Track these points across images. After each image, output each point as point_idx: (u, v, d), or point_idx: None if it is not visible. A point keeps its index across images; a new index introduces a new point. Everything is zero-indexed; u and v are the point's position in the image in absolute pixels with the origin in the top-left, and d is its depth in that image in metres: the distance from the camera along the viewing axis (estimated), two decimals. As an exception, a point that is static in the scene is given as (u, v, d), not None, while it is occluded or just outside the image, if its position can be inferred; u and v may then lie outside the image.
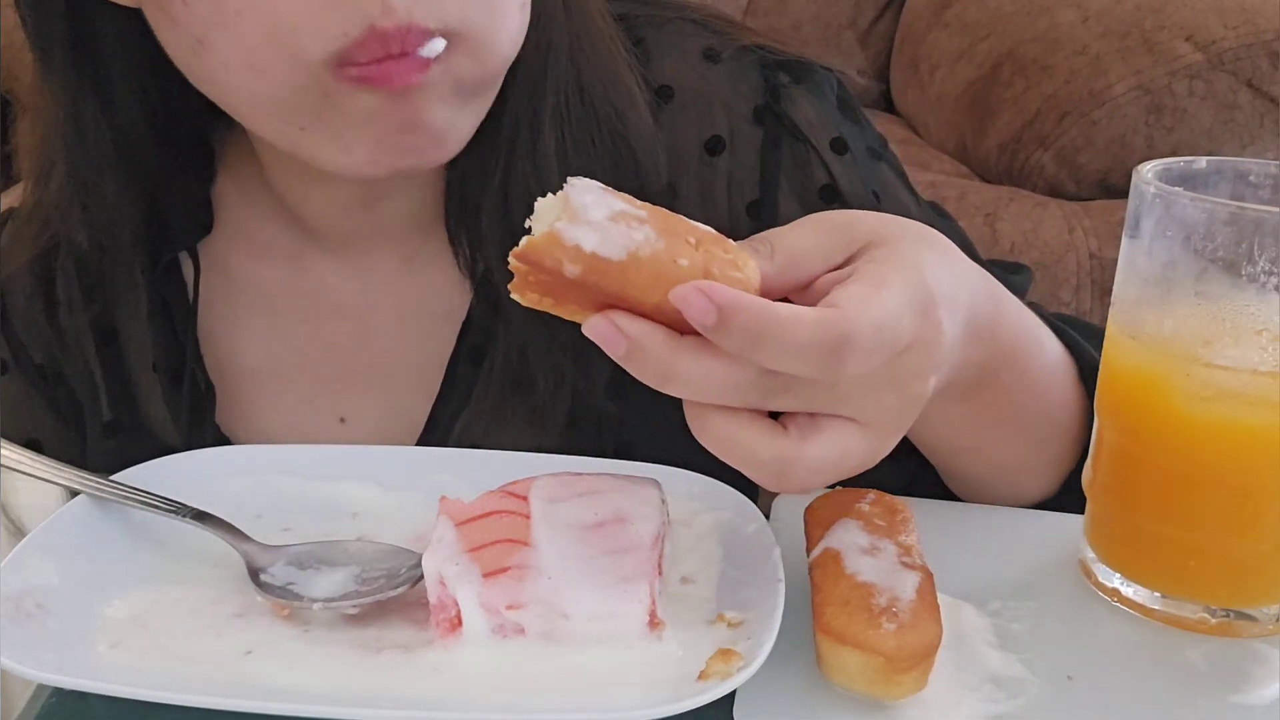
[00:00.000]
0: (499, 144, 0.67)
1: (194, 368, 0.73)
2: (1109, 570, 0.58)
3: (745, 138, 0.72)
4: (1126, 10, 1.51)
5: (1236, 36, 1.43)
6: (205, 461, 0.63)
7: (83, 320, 0.74)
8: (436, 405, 0.72)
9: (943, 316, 0.48)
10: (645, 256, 0.45)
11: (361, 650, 0.51)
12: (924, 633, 0.48)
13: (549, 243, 0.45)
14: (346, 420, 0.75)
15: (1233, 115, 1.43)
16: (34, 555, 0.54)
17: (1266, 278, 0.51)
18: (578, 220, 0.45)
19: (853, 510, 0.55)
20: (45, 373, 0.76)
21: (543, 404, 0.70)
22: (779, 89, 0.72)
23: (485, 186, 0.68)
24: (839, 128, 0.73)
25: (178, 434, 0.73)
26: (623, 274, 0.45)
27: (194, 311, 0.73)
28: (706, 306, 0.43)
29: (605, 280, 0.45)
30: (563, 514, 0.54)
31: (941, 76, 1.73)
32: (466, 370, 0.72)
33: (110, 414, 0.75)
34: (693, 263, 0.45)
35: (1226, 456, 0.54)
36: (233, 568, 0.56)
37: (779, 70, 0.73)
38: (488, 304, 0.71)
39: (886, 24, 2.02)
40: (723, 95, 0.72)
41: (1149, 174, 0.55)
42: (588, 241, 0.45)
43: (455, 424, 0.72)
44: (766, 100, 0.72)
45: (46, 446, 0.77)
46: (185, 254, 0.74)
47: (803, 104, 0.72)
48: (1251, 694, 0.52)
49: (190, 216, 0.74)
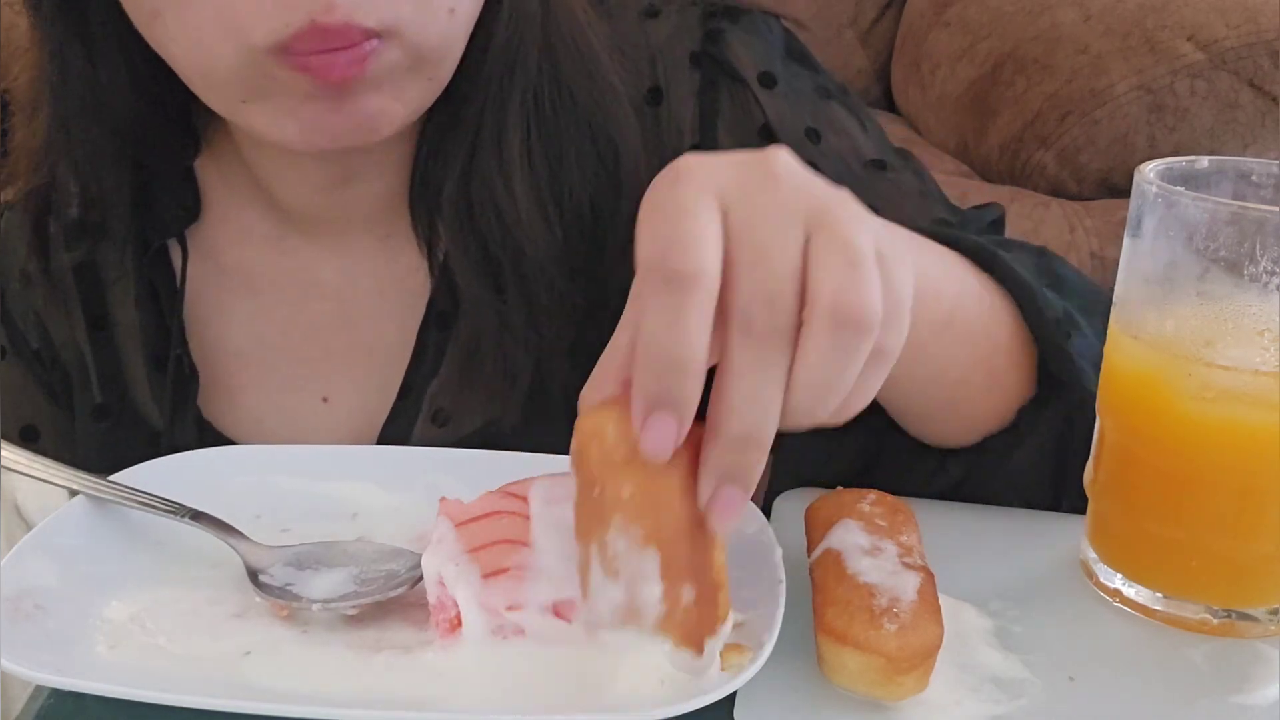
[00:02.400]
0: (464, 132, 0.68)
1: (180, 352, 0.74)
2: (1110, 570, 0.58)
3: (682, 84, 0.73)
4: (1128, 9, 1.51)
5: (1238, 36, 1.43)
6: (204, 461, 0.63)
7: (74, 291, 0.75)
8: (408, 373, 0.73)
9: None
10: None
11: (361, 651, 0.51)
12: (925, 633, 0.48)
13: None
14: (329, 400, 0.76)
15: (1234, 115, 1.43)
16: (33, 555, 0.54)
17: (1268, 278, 0.51)
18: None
19: (853, 510, 0.55)
20: (42, 358, 0.77)
21: (511, 370, 0.71)
22: (716, 33, 0.73)
23: (447, 173, 0.69)
24: (770, 64, 0.73)
25: (160, 418, 0.74)
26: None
27: (181, 296, 0.74)
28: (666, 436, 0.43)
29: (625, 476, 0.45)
30: (563, 514, 0.53)
31: (943, 76, 1.73)
32: (435, 336, 0.73)
33: (101, 397, 0.76)
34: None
35: (1228, 457, 0.54)
36: (232, 568, 0.55)
37: (720, 17, 0.74)
38: (447, 290, 0.72)
39: (887, 23, 2.02)
40: (659, 45, 0.73)
41: (1151, 173, 0.54)
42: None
43: (426, 391, 0.73)
44: (703, 46, 0.73)
45: (43, 432, 0.78)
46: (174, 241, 0.75)
47: (736, 45, 0.73)
48: (1253, 694, 0.52)
49: (177, 199, 0.75)
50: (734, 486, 0.44)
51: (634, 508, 0.45)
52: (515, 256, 0.69)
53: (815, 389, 0.43)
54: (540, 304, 0.70)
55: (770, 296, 0.42)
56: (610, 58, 0.71)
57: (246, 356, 0.76)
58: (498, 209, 0.68)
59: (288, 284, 0.76)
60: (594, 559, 0.46)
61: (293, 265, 0.76)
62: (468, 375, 0.72)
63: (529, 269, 0.69)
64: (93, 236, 0.74)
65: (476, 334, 0.71)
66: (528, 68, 0.68)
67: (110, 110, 0.70)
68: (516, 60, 0.68)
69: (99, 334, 0.76)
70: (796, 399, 0.43)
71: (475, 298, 0.70)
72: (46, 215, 0.75)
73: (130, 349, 0.75)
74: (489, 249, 0.69)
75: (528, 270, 0.69)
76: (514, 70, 0.68)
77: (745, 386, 0.43)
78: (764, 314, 0.42)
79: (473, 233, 0.69)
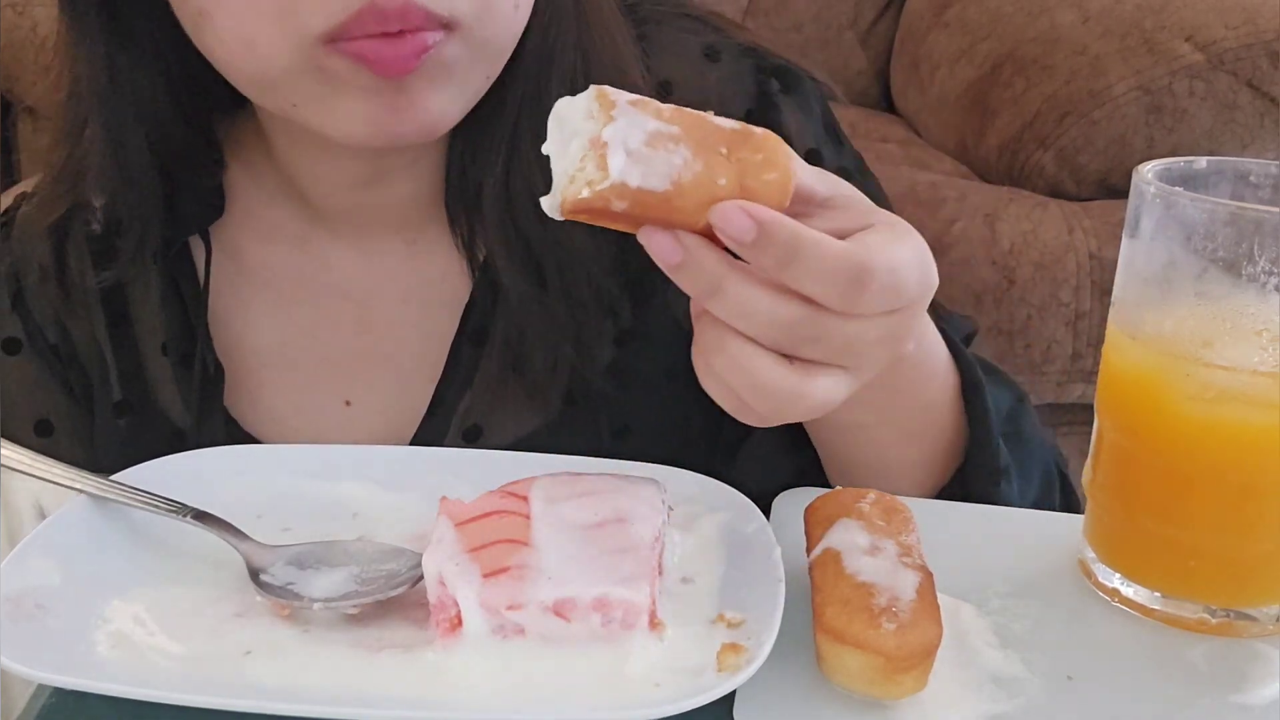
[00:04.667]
0: (502, 130, 0.68)
1: (204, 350, 0.73)
2: (1109, 570, 0.58)
3: None
4: (1127, 10, 1.51)
5: (1237, 37, 1.43)
6: (205, 461, 0.63)
7: (94, 291, 0.75)
8: (440, 386, 0.73)
9: (936, 280, 0.52)
10: (687, 183, 0.47)
11: (361, 650, 0.51)
12: (924, 632, 0.48)
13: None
14: (352, 403, 0.75)
15: (1233, 115, 1.43)
16: (34, 555, 0.54)
17: (1266, 278, 0.51)
18: (614, 152, 0.46)
19: (853, 510, 0.55)
20: (59, 353, 0.77)
21: (542, 385, 0.71)
22: (769, 96, 0.75)
23: (487, 171, 0.69)
24: (817, 142, 0.75)
25: (187, 416, 0.74)
26: (668, 203, 0.47)
27: (205, 294, 0.74)
28: (746, 225, 0.46)
29: (651, 211, 0.47)
30: (563, 514, 0.54)
31: (942, 77, 1.73)
32: (469, 352, 0.73)
33: (120, 394, 0.75)
34: (729, 179, 0.47)
35: (1226, 456, 0.54)
36: (233, 568, 0.55)
37: (771, 77, 0.75)
38: (488, 288, 0.72)
39: (887, 24, 2.02)
40: (718, 95, 0.74)
41: (1149, 174, 0.55)
42: (633, 178, 0.46)
43: (458, 405, 0.73)
44: (757, 105, 0.74)
45: (58, 428, 0.78)
46: (196, 237, 0.75)
47: (788, 117, 0.75)
48: (1251, 694, 0.52)
49: (202, 201, 0.75)
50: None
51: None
52: (555, 251, 0.69)
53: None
54: (579, 297, 0.70)
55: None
56: (635, 60, 0.71)
57: (268, 356, 0.75)
58: (540, 206, 0.69)
59: (311, 284, 0.76)
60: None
61: (316, 265, 0.76)
62: (503, 387, 0.72)
63: (568, 262, 0.70)
64: (116, 242, 0.73)
65: (520, 333, 0.71)
66: (564, 63, 0.68)
67: (154, 120, 0.70)
68: (554, 55, 0.68)
69: (119, 330, 0.75)
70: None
71: (521, 294, 0.70)
72: (68, 223, 0.74)
73: (151, 346, 0.75)
74: (531, 246, 0.69)
75: (566, 264, 0.70)
76: (551, 65, 0.68)
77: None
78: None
79: (515, 230, 0.69)
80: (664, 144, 0.47)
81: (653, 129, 0.46)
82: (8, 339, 0.77)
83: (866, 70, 2.03)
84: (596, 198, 0.46)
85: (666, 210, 0.47)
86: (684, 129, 0.47)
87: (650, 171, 0.46)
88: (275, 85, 0.61)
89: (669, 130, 0.47)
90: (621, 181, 0.46)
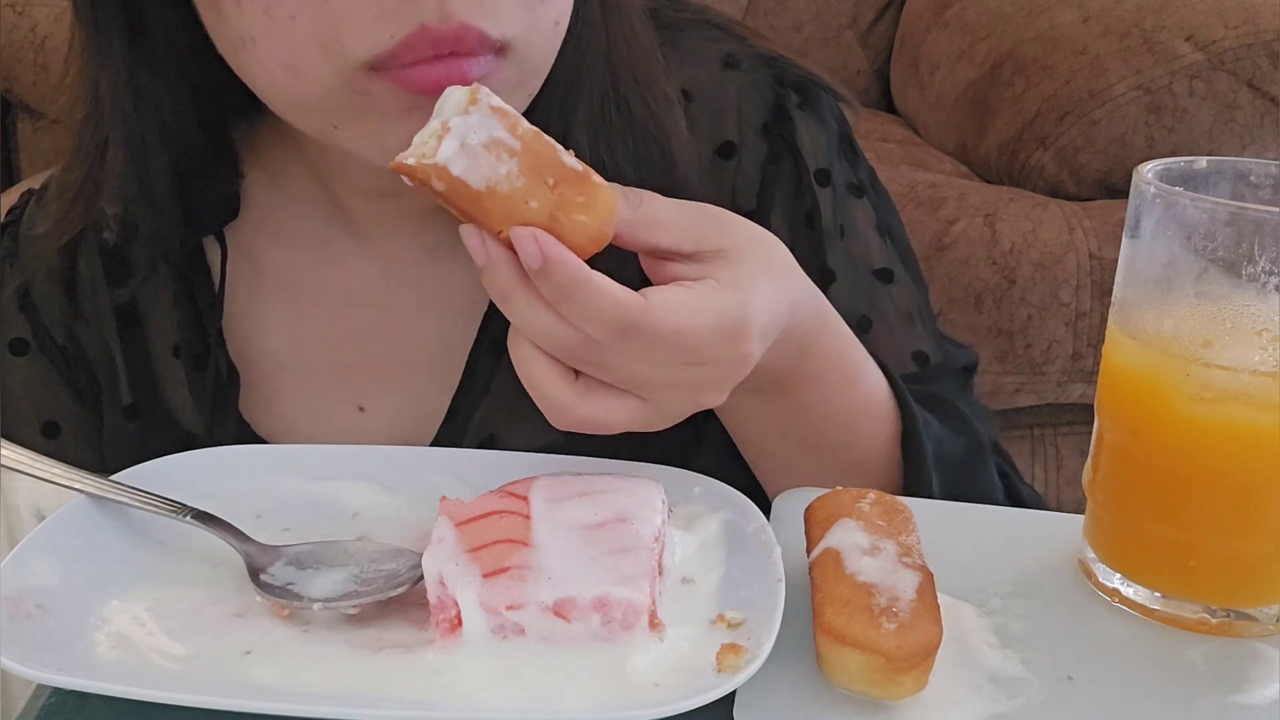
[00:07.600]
0: None
1: (218, 353, 0.73)
2: (1109, 570, 0.58)
3: (751, 149, 0.75)
4: (1127, 10, 1.51)
5: (1237, 36, 1.43)
6: (205, 461, 0.63)
7: (105, 303, 0.74)
8: (457, 396, 0.73)
9: (753, 347, 0.55)
10: (501, 192, 0.51)
11: (361, 650, 0.51)
12: (924, 633, 0.48)
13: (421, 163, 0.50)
14: (365, 409, 0.75)
15: (1233, 115, 1.43)
16: (34, 555, 0.54)
17: (1267, 278, 0.51)
18: (451, 138, 0.50)
19: (853, 510, 0.55)
20: (67, 355, 0.76)
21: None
22: (785, 109, 0.75)
23: None
24: (829, 159, 0.76)
25: (200, 420, 0.73)
26: (478, 201, 0.51)
27: (220, 296, 0.74)
28: (534, 253, 0.51)
29: (463, 202, 0.51)
30: (563, 514, 0.54)
31: (941, 76, 1.73)
32: (487, 361, 0.73)
33: (130, 398, 0.75)
34: (542, 205, 0.51)
35: (1226, 456, 0.54)
36: (232, 568, 0.56)
37: (790, 90, 0.76)
38: None
39: (886, 24, 2.03)
40: (736, 105, 0.75)
41: (1149, 174, 0.55)
42: (455, 166, 0.50)
43: (474, 414, 0.72)
44: (773, 118, 0.75)
45: (65, 430, 0.77)
46: (211, 239, 0.74)
47: (803, 132, 0.75)
48: (1251, 694, 0.52)
49: (216, 197, 0.74)
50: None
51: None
52: None
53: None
54: None
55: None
56: (664, 72, 0.71)
57: (281, 359, 0.75)
58: None
59: (327, 288, 0.75)
60: None
61: (334, 270, 0.75)
62: (520, 397, 0.71)
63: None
64: (130, 254, 0.73)
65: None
66: (593, 76, 0.68)
67: (176, 136, 0.69)
68: (583, 68, 0.67)
69: (129, 332, 0.75)
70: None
71: None
72: (80, 239, 0.74)
73: (161, 347, 0.75)
74: None
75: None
76: (580, 79, 0.67)
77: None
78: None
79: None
80: (498, 151, 0.51)
81: (496, 136, 0.51)
82: (14, 339, 0.76)
83: (866, 70, 2.03)
84: (420, 169, 0.50)
85: (477, 209, 0.51)
86: (525, 148, 0.51)
87: (473, 168, 0.50)
88: (315, 109, 0.60)
89: (509, 143, 0.51)
90: (444, 165, 0.50)
